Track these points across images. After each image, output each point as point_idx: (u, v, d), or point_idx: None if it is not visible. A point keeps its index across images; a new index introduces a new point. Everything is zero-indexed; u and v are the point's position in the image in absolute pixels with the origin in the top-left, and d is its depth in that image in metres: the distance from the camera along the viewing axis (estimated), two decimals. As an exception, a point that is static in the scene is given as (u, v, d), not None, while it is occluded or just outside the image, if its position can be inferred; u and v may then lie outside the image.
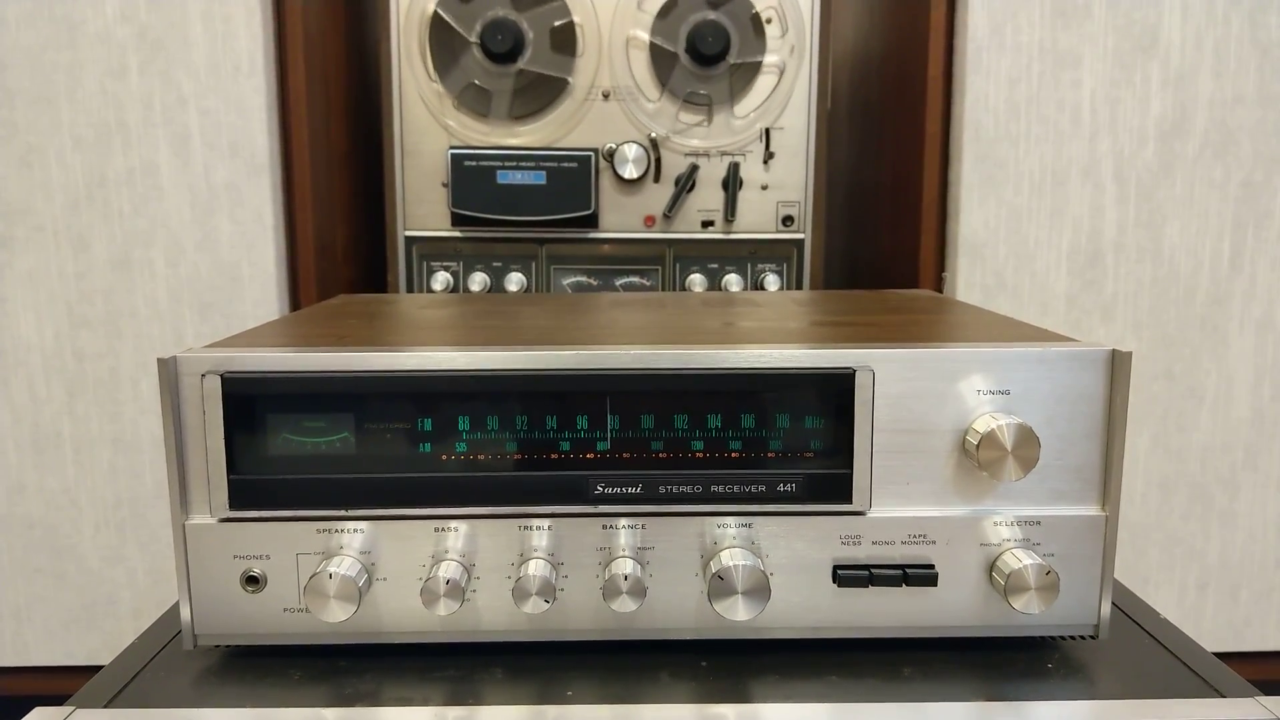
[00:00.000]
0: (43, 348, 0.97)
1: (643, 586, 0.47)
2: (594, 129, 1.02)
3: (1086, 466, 0.48)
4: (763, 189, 1.04)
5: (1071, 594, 0.48)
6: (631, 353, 0.47)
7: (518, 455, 0.47)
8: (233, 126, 0.94)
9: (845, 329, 0.59)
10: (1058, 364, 0.47)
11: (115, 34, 0.93)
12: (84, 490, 0.98)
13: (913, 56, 1.03)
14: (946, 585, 0.48)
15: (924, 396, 0.47)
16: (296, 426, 0.47)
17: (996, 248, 0.97)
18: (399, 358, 0.47)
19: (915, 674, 0.48)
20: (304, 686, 0.47)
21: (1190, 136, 0.96)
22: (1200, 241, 0.97)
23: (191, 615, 0.48)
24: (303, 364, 0.47)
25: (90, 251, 0.95)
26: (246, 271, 0.96)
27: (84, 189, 0.95)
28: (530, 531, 0.48)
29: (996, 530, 0.48)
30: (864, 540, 0.48)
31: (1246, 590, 1.02)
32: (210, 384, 0.46)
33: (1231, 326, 0.98)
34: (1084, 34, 0.94)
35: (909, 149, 1.04)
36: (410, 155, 1.02)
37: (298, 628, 0.48)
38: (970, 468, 0.48)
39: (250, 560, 0.48)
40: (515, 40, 0.98)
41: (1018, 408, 0.47)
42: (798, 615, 0.48)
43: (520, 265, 1.04)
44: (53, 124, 0.94)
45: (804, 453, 0.48)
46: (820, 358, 0.47)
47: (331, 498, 0.47)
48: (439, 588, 0.46)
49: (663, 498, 0.47)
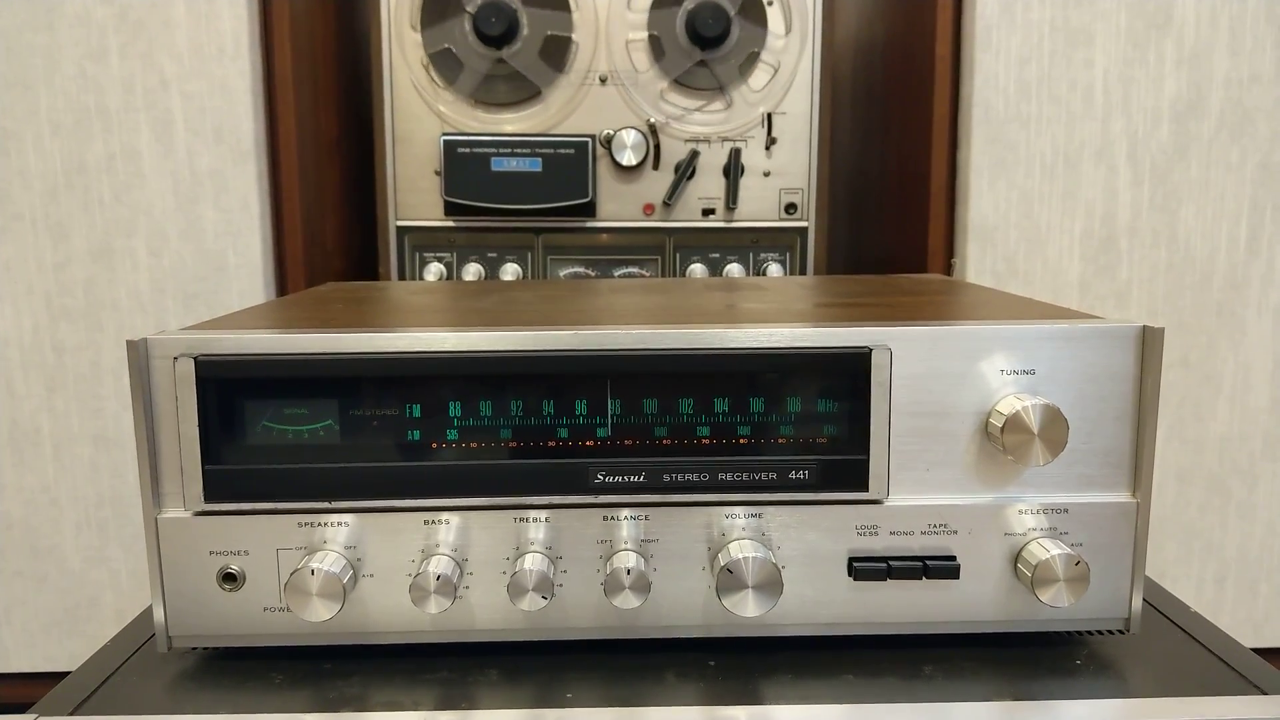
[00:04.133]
0: (21, 341, 0.94)
1: (646, 581, 0.44)
2: (591, 114, 1.00)
3: (1116, 450, 0.46)
4: (765, 176, 1.01)
5: (1101, 586, 0.46)
6: (633, 332, 0.45)
7: (513, 442, 0.45)
8: (217, 111, 0.92)
9: (857, 309, 0.56)
10: (1086, 341, 0.45)
11: (94, 15, 0.90)
12: (64, 489, 0.96)
13: (920, 36, 1.00)
14: (969, 577, 0.46)
15: (944, 377, 0.45)
16: (276, 413, 0.45)
17: (1007, 232, 0.95)
18: (386, 339, 0.45)
19: (936, 672, 0.46)
20: (286, 690, 0.45)
21: (1206, 117, 0.93)
22: (1216, 225, 0.95)
23: (165, 616, 0.46)
24: (282, 346, 0.45)
25: (70, 241, 0.93)
26: (232, 261, 0.94)
27: (63, 176, 0.92)
28: (526, 523, 0.46)
29: (1021, 519, 0.46)
30: (881, 530, 0.46)
31: (1266, 584, 1.00)
32: (183, 367, 0.44)
33: (1249, 312, 0.96)
34: (1096, 11, 0.92)
35: (916, 132, 1.02)
36: (402, 142, 1.00)
37: (279, 628, 0.46)
38: (994, 452, 0.45)
39: (227, 556, 0.45)
40: (509, 25, 0.96)
41: (1044, 388, 0.45)
42: (811, 611, 0.46)
43: (516, 255, 1.02)
44: (30, 109, 0.91)
45: (817, 438, 0.45)
46: (834, 336, 0.45)
47: (314, 489, 0.45)
48: (429, 584, 0.44)
49: (667, 486, 0.45)
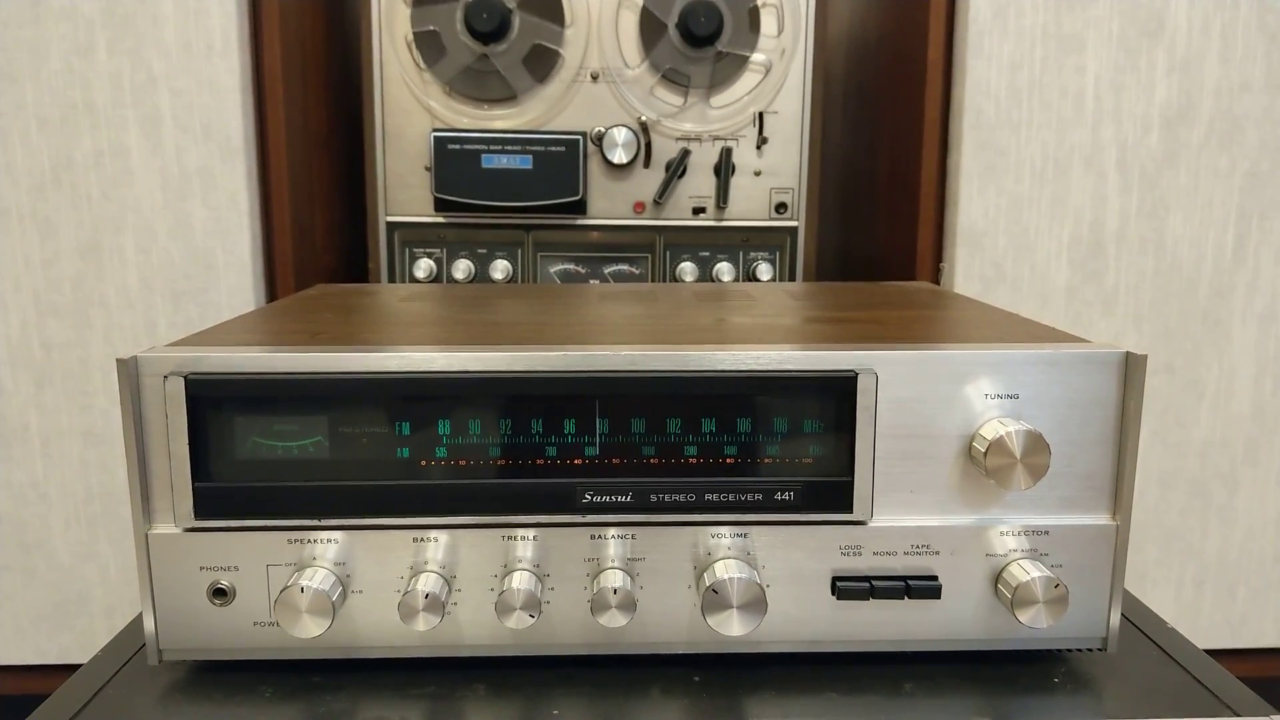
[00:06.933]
0: (8, 337, 0.93)
1: (633, 600, 0.45)
2: (582, 112, 0.99)
3: (1097, 474, 0.46)
4: (755, 175, 1.01)
5: (1080, 605, 0.47)
6: (622, 354, 0.45)
7: (501, 461, 0.45)
8: (205, 107, 0.91)
9: (845, 326, 0.56)
10: (1069, 367, 0.45)
11: (82, 9, 0.89)
12: (53, 484, 0.95)
13: (911, 39, 1.00)
14: (950, 597, 0.47)
15: (929, 400, 0.46)
16: (266, 430, 0.45)
17: (996, 238, 0.95)
18: (376, 358, 0.45)
19: (917, 689, 0.46)
20: (275, 704, 0.45)
21: (1195, 124, 0.94)
22: (1204, 232, 0.95)
23: (156, 629, 0.46)
24: (272, 365, 0.45)
25: (57, 237, 0.92)
26: (221, 259, 0.93)
27: (50, 172, 0.91)
28: (515, 542, 0.46)
29: (1003, 540, 0.46)
30: (865, 551, 0.46)
31: (1244, 587, 1.01)
32: (173, 386, 0.44)
33: (1234, 320, 0.96)
34: (1088, 18, 0.92)
35: (907, 135, 1.01)
36: (392, 138, 0.99)
37: (268, 642, 0.46)
38: (976, 475, 0.46)
39: (217, 572, 0.46)
40: (500, 24, 0.95)
41: (1027, 412, 0.45)
42: (795, 628, 0.47)
43: (506, 252, 1.02)
44: (15, 104, 0.90)
45: (802, 459, 0.46)
46: (820, 359, 0.45)
47: (303, 506, 0.45)
48: (418, 601, 0.44)
49: (654, 506, 0.46)
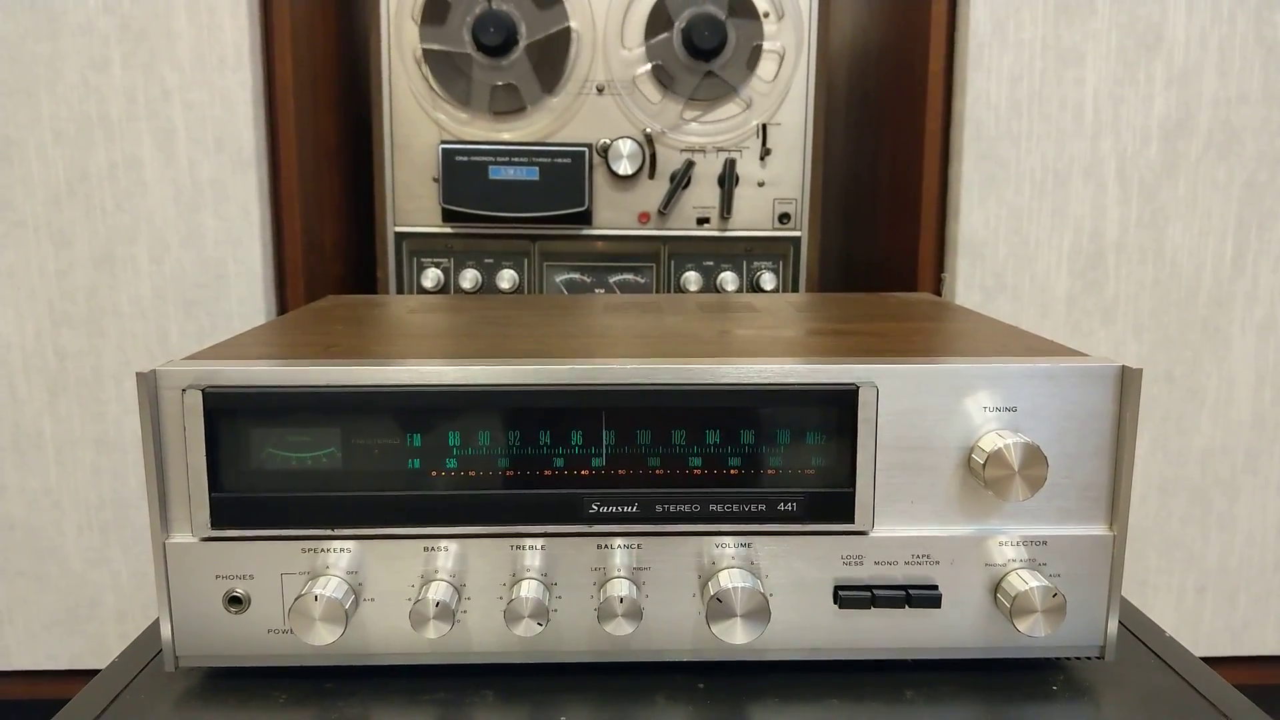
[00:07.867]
0: (23, 346, 0.95)
1: (639, 609, 0.45)
2: (588, 124, 1.00)
3: (1094, 485, 0.47)
4: (759, 186, 1.02)
5: (1078, 614, 0.47)
6: (628, 367, 0.46)
7: (510, 472, 0.46)
8: (218, 120, 0.92)
9: (847, 339, 0.57)
10: (1067, 380, 0.46)
11: (97, 25, 0.90)
12: (66, 491, 0.97)
13: (913, 51, 1.01)
14: (950, 606, 0.47)
15: (929, 413, 0.46)
16: (281, 442, 0.46)
17: (996, 248, 0.96)
18: (387, 372, 0.46)
19: (918, 697, 0.47)
20: (289, 709, 0.46)
21: (1194, 136, 0.94)
22: (1203, 243, 0.96)
23: (173, 636, 0.47)
24: (287, 378, 0.46)
25: (72, 248, 0.93)
26: (232, 269, 0.94)
27: (65, 184, 0.93)
28: (523, 551, 0.47)
29: (1002, 550, 0.47)
30: (866, 560, 0.47)
31: (1245, 594, 1.01)
32: (191, 399, 0.45)
33: (1233, 329, 0.97)
34: (1087, 31, 0.93)
35: (908, 146, 1.02)
36: (400, 150, 1.00)
37: (282, 649, 0.47)
38: (975, 486, 0.46)
39: (233, 580, 0.47)
40: (508, 33, 0.96)
41: (1025, 425, 0.46)
42: (798, 636, 0.48)
43: (512, 262, 1.03)
44: (32, 117, 0.91)
45: (805, 470, 0.47)
46: (823, 373, 0.46)
47: (317, 516, 0.46)
48: (428, 609, 0.45)
49: (659, 517, 0.46)
